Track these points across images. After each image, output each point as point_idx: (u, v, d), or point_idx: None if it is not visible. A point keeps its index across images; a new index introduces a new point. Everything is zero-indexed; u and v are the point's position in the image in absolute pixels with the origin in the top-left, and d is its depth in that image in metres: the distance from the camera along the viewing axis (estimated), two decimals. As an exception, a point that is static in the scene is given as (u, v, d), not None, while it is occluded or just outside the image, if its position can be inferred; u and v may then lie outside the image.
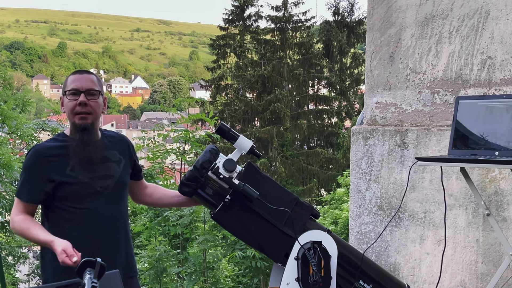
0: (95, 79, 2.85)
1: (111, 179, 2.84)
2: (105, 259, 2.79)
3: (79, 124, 2.77)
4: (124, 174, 2.92)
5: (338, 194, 11.53)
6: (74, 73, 2.87)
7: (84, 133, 2.77)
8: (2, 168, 11.01)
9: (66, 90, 2.81)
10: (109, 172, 2.84)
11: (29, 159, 2.81)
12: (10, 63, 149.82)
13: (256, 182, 2.70)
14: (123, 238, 2.90)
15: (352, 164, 4.00)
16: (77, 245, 2.64)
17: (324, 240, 2.65)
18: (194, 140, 7.52)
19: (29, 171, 2.80)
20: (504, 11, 3.59)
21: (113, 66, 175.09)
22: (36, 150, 2.82)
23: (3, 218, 12.64)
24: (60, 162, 2.77)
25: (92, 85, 2.80)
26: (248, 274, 7.92)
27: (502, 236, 2.93)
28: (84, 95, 2.77)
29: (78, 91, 2.77)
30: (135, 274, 2.99)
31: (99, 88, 2.84)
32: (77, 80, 2.81)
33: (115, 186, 2.85)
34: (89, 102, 2.77)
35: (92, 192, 2.78)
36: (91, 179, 2.78)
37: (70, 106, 2.78)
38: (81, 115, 2.77)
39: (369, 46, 4.00)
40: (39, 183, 2.76)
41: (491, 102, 2.87)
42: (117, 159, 2.90)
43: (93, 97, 2.79)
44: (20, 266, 13.29)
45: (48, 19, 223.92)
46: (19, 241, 13.35)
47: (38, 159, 2.78)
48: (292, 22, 30.72)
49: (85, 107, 2.76)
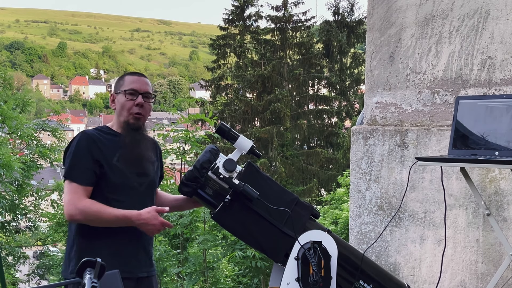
0: (150, 83, 3.01)
1: (147, 177, 2.95)
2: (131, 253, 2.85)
3: (133, 123, 2.90)
4: (156, 175, 3.04)
5: (338, 194, 11.55)
6: (132, 74, 3.00)
7: (136, 133, 2.89)
8: (2, 168, 11.01)
9: (125, 89, 2.92)
10: (146, 171, 2.95)
11: (79, 143, 2.85)
12: (10, 63, 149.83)
13: (256, 182, 2.70)
14: (147, 237, 2.97)
15: (352, 164, 4.00)
16: (107, 237, 2.78)
17: (324, 240, 2.65)
18: (194, 140, 7.53)
19: (81, 154, 2.83)
20: (504, 11, 3.59)
21: (113, 66, 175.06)
22: (86, 134, 2.89)
23: (3, 218, 12.65)
24: (107, 150, 2.84)
25: (148, 88, 2.96)
26: (248, 274, 7.93)
27: (502, 236, 2.93)
28: (142, 96, 2.91)
29: (137, 92, 2.91)
30: (155, 272, 3.07)
31: (153, 92, 3.00)
32: (136, 81, 2.94)
33: (149, 185, 2.95)
34: (145, 104, 2.92)
35: (130, 187, 2.87)
36: (131, 174, 2.87)
37: (127, 105, 2.90)
38: (136, 115, 2.90)
39: (369, 46, 4.00)
40: (92, 165, 2.81)
41: (491, 102, 2.87)
42: (152, 160, 3.01)
43: (148, 100, 2.95)
44: (20, 266, 13.29)
45: (48, 19, 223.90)
46: (19, 241, 13.38)
47: (89, 142, 2.84)
48: (292, 22, 30.73)
49: (141, 108, 2.90)
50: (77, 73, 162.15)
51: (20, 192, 12.48)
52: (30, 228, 13.68)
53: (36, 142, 13.45)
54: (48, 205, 13.65)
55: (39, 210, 13.52)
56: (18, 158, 12.06)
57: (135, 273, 2.87)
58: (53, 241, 13.63)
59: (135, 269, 2.88)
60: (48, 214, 12.94)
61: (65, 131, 17.75)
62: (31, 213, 13.34)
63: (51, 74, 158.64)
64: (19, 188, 12.41)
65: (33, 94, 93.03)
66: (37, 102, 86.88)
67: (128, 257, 2.84)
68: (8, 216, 12.65)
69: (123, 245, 2.84)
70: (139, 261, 2.90)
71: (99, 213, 2.75)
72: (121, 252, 2.83)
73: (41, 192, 13.47)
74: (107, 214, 2.75)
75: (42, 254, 14.37)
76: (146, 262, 2.95)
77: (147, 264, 2.96)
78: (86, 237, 2.83)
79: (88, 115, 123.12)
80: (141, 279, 2.91)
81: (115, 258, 2.74)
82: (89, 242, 2.81)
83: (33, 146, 13.28)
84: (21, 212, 12.74)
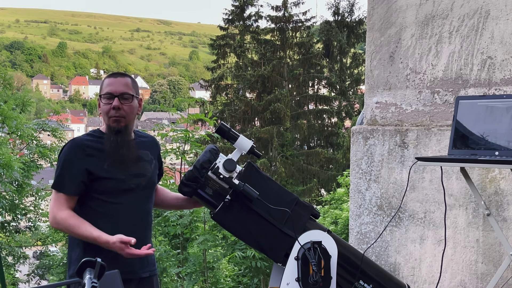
0: (129, 82, 2.91)
1: (143, 177, 2.92)
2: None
3: (113, 127, 2.84)
4: (154, 174, 3.01)
5: (338, 194, 11.54)
6: (110, 76, 2.94)
7: (118, 135, 2.84)
8: (2, 168, 11.01)
9: (101, 93, 2.88)
10: (142, 171, 2.92)
11: (68, 151, 2.84)
12: (10, 63, 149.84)
13: (256, 182, 2.70)
14: (149, 236, 2.97)
15: (352, 164, 4.00)
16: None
17: (324, 240, 2.65)
18: (194, 140, 7.53)
19: (69, 163, 2.82)
20: (504, 11, 3.59)
21: (113, 66, 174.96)
22: (75, 142, 2.87)
23: (3, 218, 12.65)
24: (97, 157, 2.82)
25: (126, 89, 2.87)
26: (248, 274, 7.92)
27: (502, 236, 2.93)
28: (118, 99, 2.83)
29: (112, 95, 2.84)
30: (157, 271, 3.07)
31: (133, 92, 2.89)
32: (112, 83, 2.87)
33: (146, 185, 2.93)
34: (122, 106, 2.84)
35: (126, 189, 2.84)
36: (126, 176, 2.85)
37: (105, 110, 2.85)
38: (115, 118, 2.84)
39: (369, 46, 4.00)
40: (80, 175, 2.79)
41: (491, 102, 2.87)
42: (149, 159, 2.98)
43: (126, 101, 2.86)
44: (20, 266, 13.30)
45: (48, 19, 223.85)
46: (19, 241, 13.38)
47: (77, 151, 2.82)
48: (292, 22, 30.73)
49: (118, 111, 2.83)
50: (77, 73, 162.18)
51: (20, 192, 12.48)
52: (30, 228, 13.69)
53: (36, 142, 13.45)
54: (48, 205, 13.63)
55: (39, 210, 13.53)
56: (18, 158, 12.06)
57: (138, 273, 2.87)
58: (53, 241, 13.65)
59: (138, 269, 2.88)
60: (48, 214, 12.93)
61: (65, 131, 17.76)
62: (31, 213, 13.35)
63: (51, 74, 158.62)
64: (19, 188, 12.42)
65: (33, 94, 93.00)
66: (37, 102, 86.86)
67: (130, 258, 2.84)
68: (8, 216, 12.66)
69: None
70: (141, 262, 2.89)
71: (71, 229, 2.76)
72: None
73: (41, 192, 13.47)
74: (78, 232, 2.75)
75: (42, 254, 14.38)
76: (149, 261, 2.95)
77: (149, 264, 2.96)
78: None
79: (88, 115, 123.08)
80: (143, 279, 2.91)
81: (117, 258, 2.74)
82: (92, 244, 2.79)
83: (33, 146, 13.29)
84: (21, 212, 12.75)
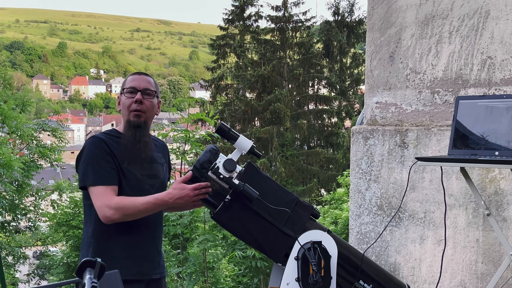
0: (152, 81, 2.96)
1: (157, 179, 2.93)
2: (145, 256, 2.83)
3: (133, 121, 2.86)
4: (166, 177, 3.02)
5: (338, 194, 11.53)
6: (133, 74, 2.99)
7: (137, 130, 2.85)
8: (2, 168, 11.02)
9: (124, 88, 2.91)
10: (156, 173, 2.94)
11: (93, 146, 2.82)
12: (10, 63, 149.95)
13: (256, 182, 2.70)
14: (160, 237, 2.98)
15: (352, 164, 4.00)
16: (122, 240, 2.76)
17: (324, 240, 2.64)
18: (194, 140, 7.52)
19: (98, 157, 2.80)
20: (504, 11, 3.58)
21: (113, 66, 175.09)
22: (98, 138, 2.86)
23: (3, 218, 12.66)
24: (118, 154, 2.83)
25: (148, 85, 2.91)
26: (248, 274, 7.92)
27: (502, 236, 2.93)
28: (141, 93, 2.87)
29: (136, 89, 2.88)
30: (166, 274, 3.07)
31: (155, 89, 2.94)
32: (135, 79, 2.92)
33: (159, 187, 2.93)
34: (144, 101, 2.87)
35: (142, 189, 2.84)
36: (142, 176, 2.86)
37: (126, 104, 2.88)
38: (136, 113, 2.86)
39: (369, 46, 4.00)
40: (113, 165, 2.79)
41: (491, 102, 2.87)
42: (161, 162, 3.00)
43: (148, 96, 2.90)
44: (20, 266, 13.30)
45: (48, 19, 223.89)
46: (19, 241, 13.38)
47: (103, 145, 2.82)
48: (292, 22, 30.73)
49: (140, 105, 2.86)
50: (77, 73, 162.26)
51: (20, 192, 12.49)
52: (30, 228, 13.69)
53: (36, 142, 13.46)
54: (48, 205, 13.64)
55: (39, 210, 13.53)
56: (18, 158, 12.06)
57: (148, 275, 2.87)
58: (53, 241, 13.63)
59: (149, 271, 2.88)
60: (48, 214, 12.93)
61: (65, 131, 17.75)
62: (31, 213, 13.34)
63: (51, 74, 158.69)
64: (19, 188, 12.42)
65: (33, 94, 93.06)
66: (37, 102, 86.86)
67: (142, 259, 2.84)
68: (8, 216, 12.66)
69: (138, 248, 2.83)
70: (152, 263, 2.89)
71: (133, 204, 2.72)
72: (136, 255, 2.82)
73: (41, 192, 13.48)
74: (140, 203, 2.72)
75: (42, 254, 14.37)
76: (160, 263, 2.96)
77: (160, 266, 2.96)
78: (102, 240, 2.81)
79: (88, 115, 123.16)
80: (152, 281, 2.90)
81: (129, 260, 2.74)
82: (105, 245, 2.79)
83: (33, 146, 13.30)
84: (21, 212, 12.75)
